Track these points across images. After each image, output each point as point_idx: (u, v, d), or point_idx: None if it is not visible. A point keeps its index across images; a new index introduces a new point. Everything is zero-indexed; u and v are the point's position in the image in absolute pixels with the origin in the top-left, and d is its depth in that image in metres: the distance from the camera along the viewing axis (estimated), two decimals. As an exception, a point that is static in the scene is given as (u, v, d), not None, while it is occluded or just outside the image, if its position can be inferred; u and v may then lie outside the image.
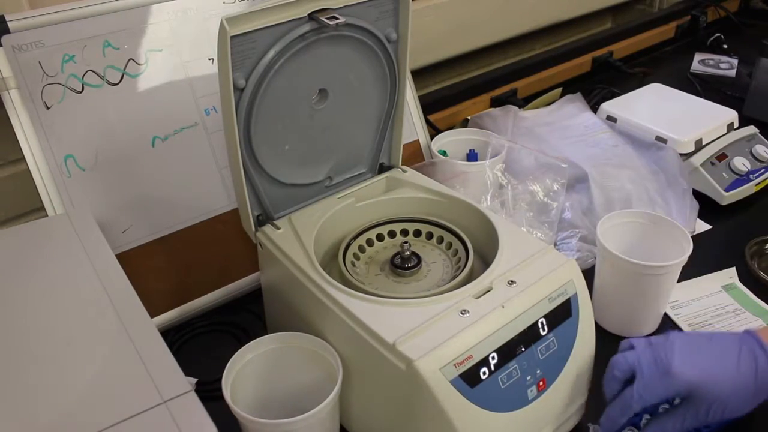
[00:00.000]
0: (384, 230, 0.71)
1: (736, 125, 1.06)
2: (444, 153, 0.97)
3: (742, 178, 0.98)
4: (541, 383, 0.57)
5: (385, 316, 0.55)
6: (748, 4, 1.68)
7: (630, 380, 0.57)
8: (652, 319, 0.77)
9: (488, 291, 0.58)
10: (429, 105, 1.08)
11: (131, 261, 0.74)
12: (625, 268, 0.72)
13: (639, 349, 0.57)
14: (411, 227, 0.71)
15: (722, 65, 1.39)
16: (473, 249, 0.66)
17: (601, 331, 0.76)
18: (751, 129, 1.05)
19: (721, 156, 1.00)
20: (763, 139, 1.04)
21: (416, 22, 0.67)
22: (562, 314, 0.59)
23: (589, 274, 0.72)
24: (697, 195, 0.95)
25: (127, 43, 0.74)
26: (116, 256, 0.62)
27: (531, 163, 0.93)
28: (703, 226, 0.94)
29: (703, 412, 0.54)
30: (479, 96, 1.18)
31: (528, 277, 0.59)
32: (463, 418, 0.52)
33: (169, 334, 0.77)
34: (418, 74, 1.20)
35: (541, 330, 0.57)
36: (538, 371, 0.57)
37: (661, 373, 0.54)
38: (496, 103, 1.18)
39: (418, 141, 0.97)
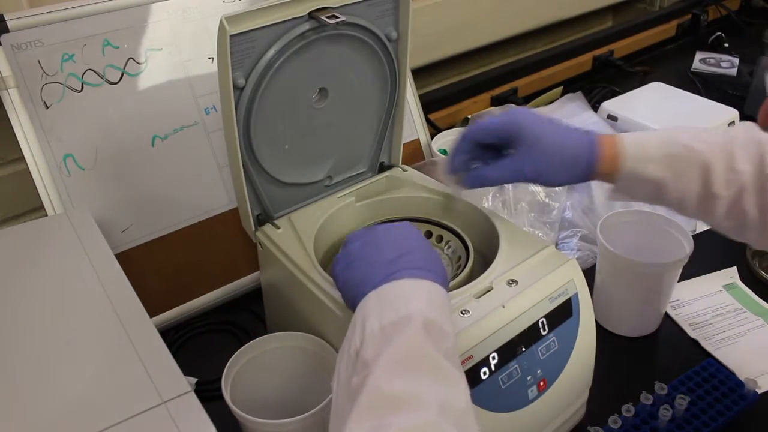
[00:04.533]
0: (384, 230, 0.71)
1: (736, 124, 1.06)
2: (444, 152, 0.97)
3: (743, 177, 0.98)
4: (541, 383, 0.57)
5: (385, 315, 0.55)
6: (749, 2, 1.67)
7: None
8: (653, 319, 0.77)
9: (489, 291, 0.58)
10: (429, 104, 1.08)
11: (131, 260, 0.74)
12: (626, 267, 0.72)
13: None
14: (411, 227, 0.71)
15: (723, 64, 1.38)
16: (474, 248, 0.66)
17: (601, 331, 0.76)
18: (748, 123, 1.04)
19: (722, 155, 0.99)
20: (764, 138, 1.04)
21: (416, 20, 0.67)
22: (562, 314, 0.59)
23: (589, 273, 0.72)
24: (698, 194, 0.95)
25: (127, 42, 0.74)
26: (116, 255, 0.62)
27: (531, 162, 0.92)
28: (703, 226, 0.94)
29: (524, 159, 0.60)
30: (480, 95, 1.18)
31: (528, 277, 0.59)
32: (464, 418, 0.52)
33: (168, 333, 0.77)
34: (419, 73, 1.20)
35: (541, 330, 0.57)
36: (539, 371, 0.57)
37: (502, 114, 0.62)
38: (497, 102, 1.18)
39: (418, 140, 0.96)
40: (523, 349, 0.56)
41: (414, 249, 0.51)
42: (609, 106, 1.13)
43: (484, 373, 0.53)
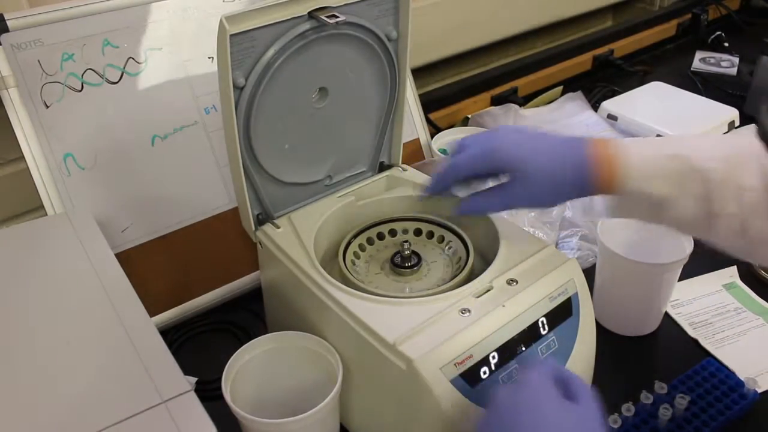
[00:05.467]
0: (384, 229, 0.71)
1: (737, 124, 1.06)
2: (444, 152, 0.97)
3: (743, 177, 0.98)
4: (541, 383, 0.57)
5: (385, 315, 0.55)
6: (749, 2, 1.67)
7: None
8: (653, 318, 0.77)
9: (489, 290, 0.58)
10: (429, 103, 1.08)
11: (131, 260, 0.74)
12: (626, 266, 0.72)
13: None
14: (411, 226, 0.71)
15: (723, 63, 1.38)
16: (473, 248, 0.66)
17: (601, 330, 0.76)
18: (752, 127, 1.04)
19: (722, 154, 0.99)
20: (764, 137, 1.04)
21: (416, 20, 0.67)
22: (562, 313, 0.59)
23: (589, 273, 0.72)
24: (698, 194, 0.95)
25: (127, 42, 0.74)
26: (116, 255, 0.62)
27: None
28: (704, 225, 0.94)
29: (514, 192, 0.59)
30: (480, 94, 1.18)
31: (528, 276, 0.59)
32: (464, 417, 0.52)
33: (168, 333, 0.77)
34: (419, 72, 1.20)
35: (541, 329, 0.57)
36: (539, 371, 0.57)
37: (482, 142, 0.60)
38: (497, 101, 1.18)
39: (418, 139, 0.96)
40: (523, 349, 0.56)
41: None
42: (609, 105, 1.13)
43: (484, 373, 0.53)
